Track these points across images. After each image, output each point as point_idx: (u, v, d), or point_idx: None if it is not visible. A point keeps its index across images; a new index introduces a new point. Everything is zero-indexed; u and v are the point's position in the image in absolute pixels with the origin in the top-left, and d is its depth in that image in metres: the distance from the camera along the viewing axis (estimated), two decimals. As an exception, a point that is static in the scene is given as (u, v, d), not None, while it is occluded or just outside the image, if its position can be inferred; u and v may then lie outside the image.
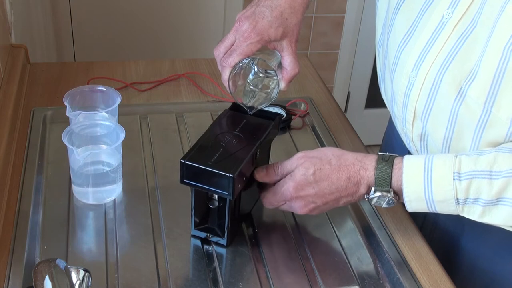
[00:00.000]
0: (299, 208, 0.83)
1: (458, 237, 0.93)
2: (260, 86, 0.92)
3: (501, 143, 0.75)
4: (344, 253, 0.88)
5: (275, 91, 0.90)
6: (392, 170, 0.78)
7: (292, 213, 0.94)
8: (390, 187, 0.78)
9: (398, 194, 0.79)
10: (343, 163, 0.80)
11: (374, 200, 0.80)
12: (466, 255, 0.92)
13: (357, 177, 0.79)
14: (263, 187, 0.87)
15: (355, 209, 0.97)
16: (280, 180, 0.84)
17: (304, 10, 0.90)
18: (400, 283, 0.83)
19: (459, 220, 0.79)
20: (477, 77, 0.73)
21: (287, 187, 0.81)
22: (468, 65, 0.75)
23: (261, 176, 0.85)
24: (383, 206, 0.80)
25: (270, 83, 0.92)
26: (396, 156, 0.80)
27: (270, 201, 0.85)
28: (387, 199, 0.79)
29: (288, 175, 0.82)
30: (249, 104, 0.90)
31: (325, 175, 0.80)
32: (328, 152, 0.82)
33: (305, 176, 0.80)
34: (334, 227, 0.93)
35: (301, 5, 0.89)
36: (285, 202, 0.84)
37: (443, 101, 0.79)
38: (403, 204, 0.81)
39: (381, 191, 0.79)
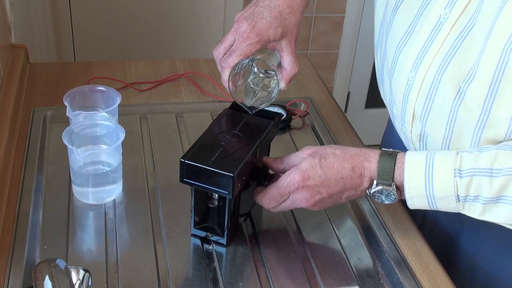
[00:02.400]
0: (304, 199, 0.81)
1: (457, 236, 0.93)
2: (260, 86, 0.92)
3: (500, 142, 0.75)
4: (344, 253, 0.88)
5: (275, 91, 0.90)
6: (395, 164, 0.78)
7: (292, 212, 0.94)
8: (392, 181, 0.78)
9: (400, 189, 0.79)
10: (347, 153, 0.81)
11: (376, 195, 0.80)
12: (465, 254, 0.92)
13: (361, 168, 0.79)
14: (260, 189, 0.87)
15: (355, 209, 0.97)
16: (283, 171, 0.84)
17: (303, 9, 0.90)
18: (400, 283, 0.83)
19: (458, 219, 0.79)
20: (476, 77, 0.73)
21: (293, 176, 0.81)
22: (467, 65, 0.75)
23: (268, 160, 0.87)
24: (385, 202, 0.80)
25: (270, 83, 0.92)
26: (399, 152, 0.80)
27: (272, 195, 0.83)
28: (389, 193, 0.79)
29: (293, 167, 0.82)
30: (249, 104, 0.90)
31: (331, 163, 0.80)
32: (333, 146, 0.84)
33: (311, 165, 0.80)
34: (334, 227, 0.93)
35: (300, 4, 0.89)
36: (288, 196, 0.82)
37: (442, 101, 0.79)
38: (403, 203, 0.81)
39: (383, 184, 0.79)
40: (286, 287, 0.82)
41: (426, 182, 0.76)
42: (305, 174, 0.80)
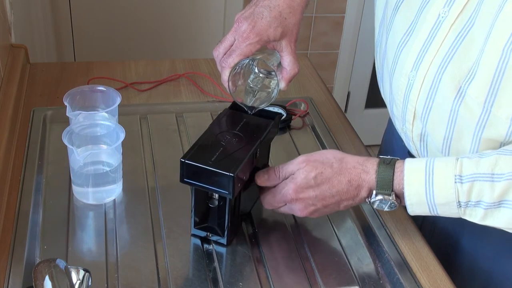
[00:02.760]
0: (299, 210, 0.83)
1: (458, 237, 0.93)
2: (260, 86, 0.92)
3: (501, 143, 0.75)
4: (344, 253, 0.88)
5: (275, 91, 0.90)
6: (393, 173, 0.78)
7: (292, 213, 0.94)
8: (392, 190, 0.78)
9: (399, 197, 0.79)
10: (344, 166, 0.80)
11: (376, 203, 0.80)
12: (465, 255, 0.92)
13: (358, 181, 0.79)
14: (263, 188, 0.87)
15: (355, 209, 0.97)
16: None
17: (303, 9, 0.90)
18: (400, 283, 0.83)
19: (458, 220, 0.79)
20: (476, 76, 0.73)
21: (288, 189, 0.81)
22: (467, 65, 0.75)
23: (262, 181, 0.85)
24: (384, 209, 0.80)
25: (270, 83, 0.92)
26: (398, 159, 0.80)
27: (270, 202, 0.85)
28: (389, 202, 0.79)
29: (289, 178, 0.82)
30: (249, 104, 0.90)
31: (326, 178, 0.80)
32: (330, 155, 0.82)
33: (306, 180, 0.80)
34: (334, 227, 0.93)
35: (300, 4, 0.89)
36: (285, 204, 0.84)
37: (443, 101, 0.79)
38: (404, 207, 0.81)
39: (382, 194, 0.79)
40: (286, 287, 0.82)
41: (427, 189, 0.76)
42: (298, 188, 0.80)
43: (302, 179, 0.80)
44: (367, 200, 0.81)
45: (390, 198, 0.79)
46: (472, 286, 0.92)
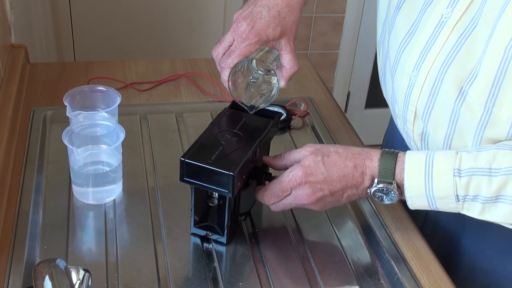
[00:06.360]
0: (306, 195, 0.81)
1: (459, 237, 0.93)
2: (259, 85, 0.92)
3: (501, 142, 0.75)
4: (344, 253, 0.88)
5: (275, 89, 0.90)
6: (395, 163, 0.78)
7: (292, 212, 0.94)
8: (393, 179, 0.79)
9: (400, 188, 0.79)
10: (350, 151, 0.81)
11: (377, 194, 0.80)
12: (467, 255, 0.92)
13: (362, 167, 0.80)
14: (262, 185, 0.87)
15: (355, 209, 0.97)
16: (284, 168, 0.84)
17: (302, 7, 0.90)
18: (400, 283, 0.83)
19: (460, 219, 0.79)
20: (478, 77, 0.73)
21: (296, 172, 0.81)
22: (469, 65, 0.75)
23: (267, 159, 0.87)
24: (385, 202, 0.80)
25: (270, 82, 0.92)
26: (400, 151, 0.80)
27: (273, 191, 0.83)
28: (390, 192, 0.79)
29: (296, 164, 0.82)
30: (249, 104, 0.90)
31: (333, 161, 0.80)
32: (335, 145, 0.84)
33: (314, 162, 0.81)
34: (334, 227, 0.93)
35: (298, 2, 0.89)
36: (290, 192, 0.82)
37: (444, 101, 0.79)
38: (403, 203, 0.81)
39: (384, 182, 0.79)
40: (286, 287, 0.82)
41: (426, 181, 0.76)
42: (307, 170, 0.80)
43: (310, 161, 0.81)
44: (368, 191, 0.81)
45: (391, 187, 0.79)
46: (473, 285, 0.92)
